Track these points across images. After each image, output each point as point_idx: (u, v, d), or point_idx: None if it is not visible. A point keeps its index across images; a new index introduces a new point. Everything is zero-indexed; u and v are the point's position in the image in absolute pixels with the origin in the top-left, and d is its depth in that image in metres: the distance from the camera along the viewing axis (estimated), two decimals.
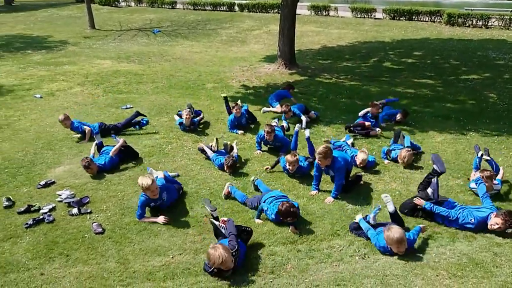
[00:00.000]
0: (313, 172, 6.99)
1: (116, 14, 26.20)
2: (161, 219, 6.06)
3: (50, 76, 13.56)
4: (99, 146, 8.08)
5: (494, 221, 5.51)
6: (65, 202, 6.52)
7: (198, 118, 9.53)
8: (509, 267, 5.04)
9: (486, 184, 6.26)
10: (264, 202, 6.12)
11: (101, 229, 5.87)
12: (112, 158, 7.63)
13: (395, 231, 5.12)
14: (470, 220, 5.65)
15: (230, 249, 4.92)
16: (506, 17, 20.54)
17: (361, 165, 7.46)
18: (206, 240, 5.63)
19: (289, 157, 7.12)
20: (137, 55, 16.61)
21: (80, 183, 7.16)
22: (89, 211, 6.33)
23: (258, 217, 6.12)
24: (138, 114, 9.52)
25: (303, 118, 9.38)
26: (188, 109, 9.26)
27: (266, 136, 8.01)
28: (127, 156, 7.94)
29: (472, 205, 6.11)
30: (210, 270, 4.92)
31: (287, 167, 7.15)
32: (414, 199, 6.10)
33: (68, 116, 8.79)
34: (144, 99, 11.42)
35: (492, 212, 5.67)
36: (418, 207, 6.01)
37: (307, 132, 7.79)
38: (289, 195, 6.52)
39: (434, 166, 6.29)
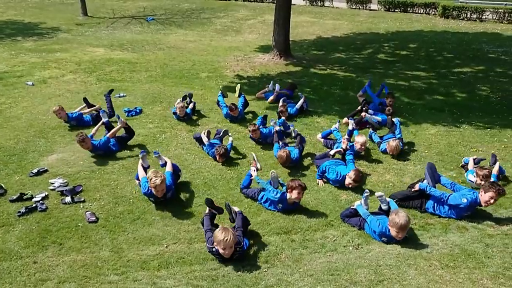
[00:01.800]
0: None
1: (109, 2, 25.84)
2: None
3: (42, 63, 13.36)
4: (107, 126, 8.10)
5: (489, 196, 5.51)
6: (58, 191, 6.47)
7: (191, 107, 9.46)
8: (500, 258, 5.10)
9: (482, 182, 6.28)
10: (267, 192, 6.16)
11: (94, 218, 5.84)
12: (107, 139, 7.62)
13: (401, 216, 5.14)
14: (462, 200, 5.71)
15: (236, 241, 4.94)
16: (500, 10, 20.64)
17: (362, 148, 7.55)
18: (200, 230, 5.62)
19: (280, 152, 7.25)
20: (131, 43, 16.41)
21: (73, 172, 7.10)
22: (82, 199, 6.29)
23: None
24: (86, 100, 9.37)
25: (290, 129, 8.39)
26: (182, 101, 9.29)
27: (251, 134, 8.07)
28: (125, 144, 7.97)
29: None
30: (211, 246, 4.98)
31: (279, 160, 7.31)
32: (409, 188, 6.15)
33: (63, 107, 8.73)
34: (138, 87, 11.31)
35: (475, 192, 5.79)
36: (413, 190, 6.08)
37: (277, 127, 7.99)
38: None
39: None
